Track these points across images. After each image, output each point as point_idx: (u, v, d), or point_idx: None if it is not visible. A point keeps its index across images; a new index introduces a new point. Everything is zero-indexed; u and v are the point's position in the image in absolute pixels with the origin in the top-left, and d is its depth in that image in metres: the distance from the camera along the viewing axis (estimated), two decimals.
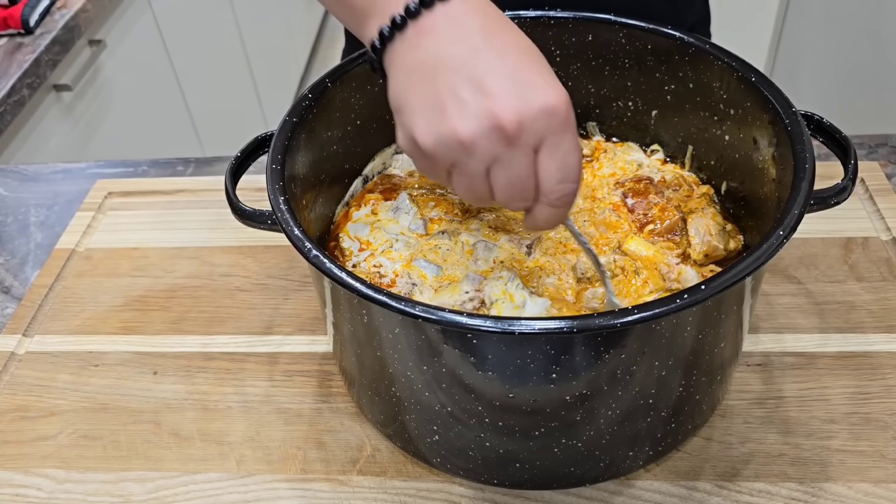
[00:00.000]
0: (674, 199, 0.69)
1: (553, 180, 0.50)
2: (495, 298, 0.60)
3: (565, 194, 0.51)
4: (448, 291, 0.61)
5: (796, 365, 0.71)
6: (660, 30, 0.68)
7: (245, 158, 0.64)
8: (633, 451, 0.61)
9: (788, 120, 0.58)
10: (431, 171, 0.52)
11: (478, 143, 0.48)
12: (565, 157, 0.50)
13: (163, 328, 0.79)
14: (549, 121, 0.48)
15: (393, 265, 0.65)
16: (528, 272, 0.64)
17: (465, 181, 0.51)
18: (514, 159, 0.49)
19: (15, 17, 1.39)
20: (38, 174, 1.02)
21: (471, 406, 0.55)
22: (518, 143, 0.48)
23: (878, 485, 0.62)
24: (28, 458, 0.68)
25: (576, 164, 0.51)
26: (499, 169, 0.49)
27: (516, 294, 0.60)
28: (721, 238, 0.65)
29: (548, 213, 0.52)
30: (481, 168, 0.49)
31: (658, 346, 0.52)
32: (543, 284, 0.62)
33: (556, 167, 0.50)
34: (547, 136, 0.49)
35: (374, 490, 0.64)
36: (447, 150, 0.49)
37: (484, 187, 0.51)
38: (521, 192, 0.50)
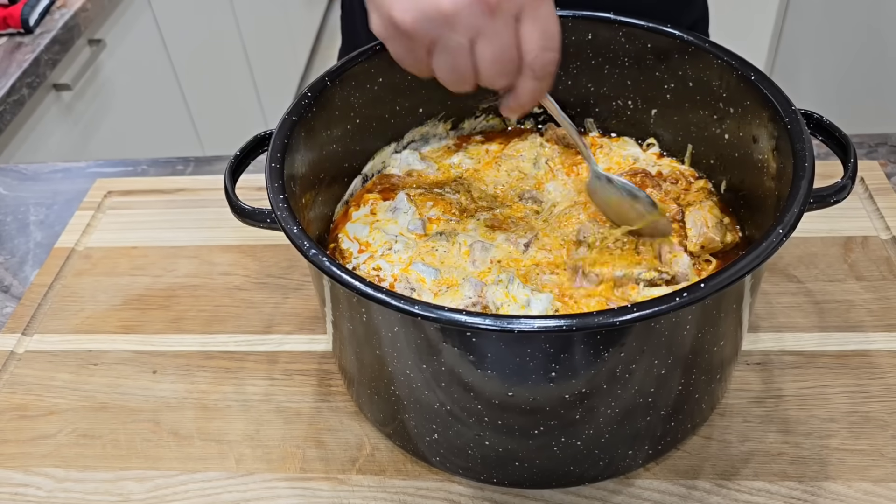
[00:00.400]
0: (672, 192, 0.69)
1: (537, 48, 0.51)
2: (500, 303, 0.60)
3: (549, 62, 0.52)
4: (449, 296, 0.61)
5: (796, 364, 0.71)
6: (659, 28, 0.68)
7: (244, 157, 0.64)
8: (632, 449, 0.61)
9: (788, 118, 0.58)
10: (410, 54, 0.52)
11: (460, 13, 0.48)
12: (546, 23, 0.51)
13: (162, 327, 0.79)
14: None
15: (392, 268, 0.65)
16: (525, 270, 0.64)
17: (448, 59, 0.51)
18: (497, 29, 0.49)
19: (14, 16, 1.39)
20: (37, 173, 1.02)
21: (470, 405, 0.55)
22: (500, 11, 0.49)
23: (878, 483, 0.62)
24: (27, 457, 0.68)
25: (556, 31, 0.52)
26: (483, 42, 0.50)
27: (519, 294, 0.60)
28: (718, 230, 0.65)
29: (531, 87, 0.53)
30: (465, 41, 0.50)
31: (657, 344, 0.52)
32: (542, 282, 0.62)
33: (538, 34, 0.51)
34: (526, 4, 0.50)
35: (374, 489, 0.64)
36: (428, 24, 0.49)
37: (468, 63, 0.51)
38: (507, 63, 0.51)
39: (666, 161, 0.74)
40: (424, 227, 0.68)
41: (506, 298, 0.60)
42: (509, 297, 0.60)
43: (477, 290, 0.61)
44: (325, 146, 0.68)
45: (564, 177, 0.73)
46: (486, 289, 0.61)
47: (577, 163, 0.73)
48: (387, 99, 0.72)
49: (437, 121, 0.77)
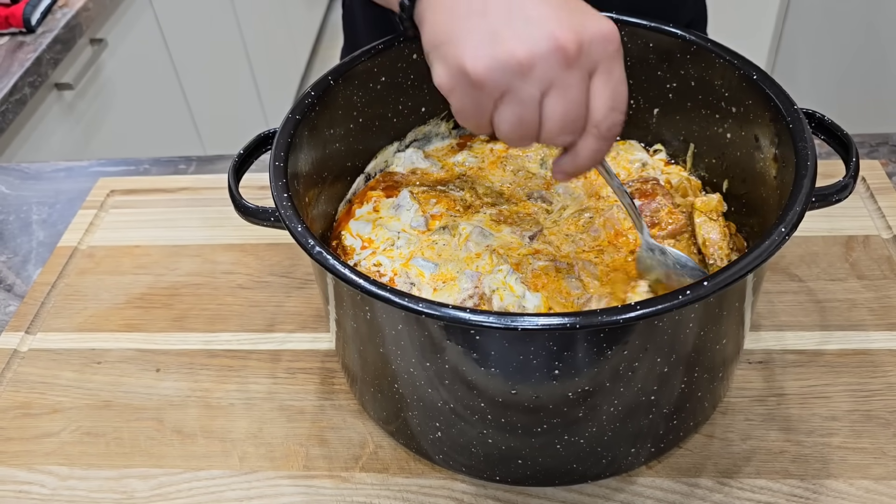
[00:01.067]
0: (683, 205, 0.69)
1: (606, 108, 0.50)
2: (495, 287, 0.60)
3: (615, 123, 0.51)
4: (447, 291, 0.61)
5: (798, 362, 0.71)
6: (661, 28, 0.68)
7: (248, 156, 0.64)
8: (634, 447, 0.61)
9: (790, 117, 0.58)
10: (476, 106, 0.50)
11: (537, 64, 0.47)
12: (617, 84, 0.50)
13: (165, 325, 0.79)
14: (605, 46, 0.48)
15: (392, 264, 0.65)
16: (519, 259, 0.64)
17: (516, 111, 0.49)
18: (571, 83, 0.48)
19: (17, 15, 1.39)
20: (40, 172, 1.02)
21: (473, 402, 0.55)
22: (577, 65, 0.48)
23: (880, 481, 0.62)
24: (31, 455, 0.69)
25: (625, 94, 0.51)
26: (555, 94, 0.48)
27: (516, 286, 0.60)
28: (729, 246, 0.65)
29: (593, 148, 0.51)
30: (536, 93, 0.48)
31: (660, 342, 0.52)
32: (532, 270, 0.62)
33: (609, 94, 0.50)
34: (602, 61, 0.49)
35: (377, 487, 0.64)
36: (502, 74, 0.48)
37: (534, 116, 0.49)
38: (575, 120, 0.50)
39: (674, 169, 0.74)
40: (427, 223, 0.69)
41: (502, 285, 0.60)
42: (505, 285, 0.60)
43: (474, 281, 0.61)
44: (328, 145, 0.68)
45: (574, 181, 0.73)
46: (483, 278, 0.61)
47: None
48: (389, 98, 0.72)
49: (439, 120, 0.77)
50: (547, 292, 0.61)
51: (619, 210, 0.68)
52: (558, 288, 0.62)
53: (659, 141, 0.76)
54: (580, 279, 0.63)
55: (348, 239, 0.69)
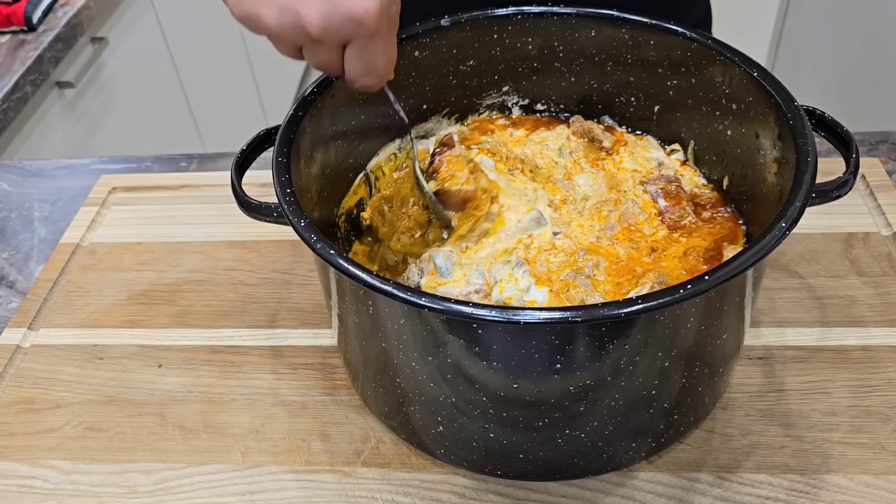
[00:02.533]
0: (715, 228, 0.69)
1: (356, 73, 0.56)
2: (500, 278, 0.60)
3: (367, 85, 0.58)
4: (452, 281, 0.62)
5: (797, 358, 0.71)
6: (662, 25, 0.68)
7: (250, 152, 0.65)
8: (635, 442, 0.61)
9: (791, 114, 0.58)
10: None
11: (283, 34, 0.53)
12: (371, 58, 0.55)
13: (167, 322, 0.79)
14: (355, 29, 0.53)
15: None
16: (535, 253, 0.64)
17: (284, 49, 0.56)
18: (318, 51, 0.55)
19: (18, 14, 1.40)
20: (41, 170, 1.03)
21: (475, 397, 0.56)
22: (322, 41, 0.53)
23: (879, 476, 0.62)
24: (34, 450, 0.69)
25: (381, 64, 0.56)
26: (307, 53, 0.55)
27: (522, 279, 0.60)
28: None
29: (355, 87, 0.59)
30: (292, 51, 0.56)
31: (661, 337, 0.52)
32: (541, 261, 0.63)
33: (359, 64, 0.56)
34: (353, 39, 0.54)
35: (379, 481, 0.64)
36: (255, 28, 0.54)
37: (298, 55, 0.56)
38: (329, 71, 0.57)
39: (688, 172, 0.74)
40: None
41: (508, 277, 0.60)
42: (511, 277, 0.60)
43: (482, 277, 0.61)
44: (331, 141, 0.68)
45: (591, 169, 0.73)
46: (493, 265, 0.61)
47: (601, 157, 0.74)
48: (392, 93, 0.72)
49: (441, 117, 0.77)
50: (556, 287, 0.62)
51: (633, 204, 0.68)
52: (567, 284, 0.62)
53: (660, 137, 0.76)
54: (591, 276, 0.63)
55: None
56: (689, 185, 0.72)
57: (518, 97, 0.78)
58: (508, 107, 0.79)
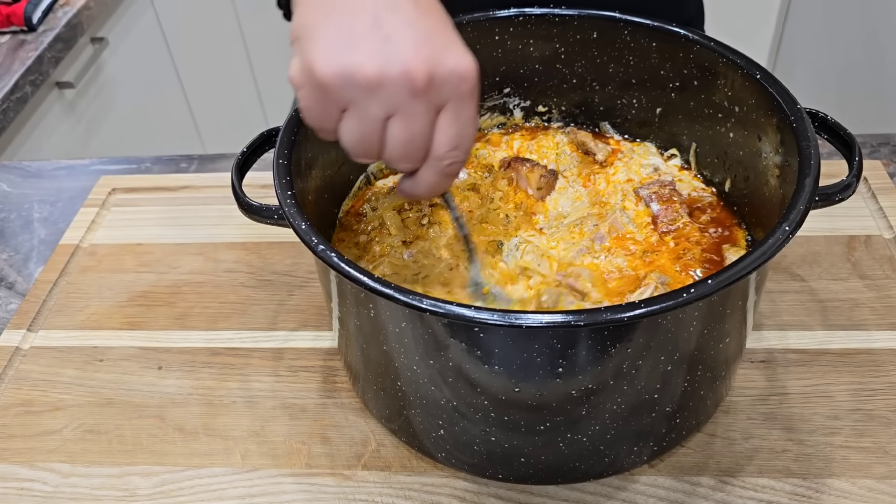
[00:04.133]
0: (711, 231, 0.68)
1: (448, 144, 0.50)
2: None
3: (456, 161, 0.51)
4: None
5: (800, 362, 0.71)
6: (664, 27, 0.68)
7: (251, 154, 0.64)
8: (637, 446, 0.61)
9: (793, 117, 0.58)
10: (320, 109, 0.49)
11: (384, 85, 0.46)
12: (465, 125, 0.50)
13: (167, 323, 0.79)
14: (458, 85, 0.48)
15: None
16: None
17: (359, 126, 0.49)
18: (416, 113, 0.48)
19: (18, 14, 1.39)
20: (41, 170, 1.02)
21: (476, 400, 0.55)
22: (424, 98, 0.47)
23: (882, 481, 0.62)
24: (33, 452, 0.69)
25: (471, 135, 0.51)
26: (399, 119, 0.48)
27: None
28: None
29: (432, 180, 0.52)
30: (381, 114, 0.48)
31: (664, 340, 0.52)
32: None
33: (454, 132, 0.50)
34: (452, 98, 0.48)
35: (379, 485, 0.64)
36: (347, 84, 0.47)
37: (376, 136, 0.49)
38: (415, 150, 0.50)
39: (687, 177, 0.73)
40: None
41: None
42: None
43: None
44: (332, 143, 0.67)
45: (581, 188, 0.72)
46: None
47: (594, 172, 0.74)
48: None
49: None
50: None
51: (621, 214, 0.68)
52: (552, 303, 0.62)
53: (660, 139, 0.76)
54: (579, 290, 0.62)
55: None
56: (688, 189, 0.72)
57: (519, 99, 0.78)
58: (510, 109, 0.79)
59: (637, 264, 0.65)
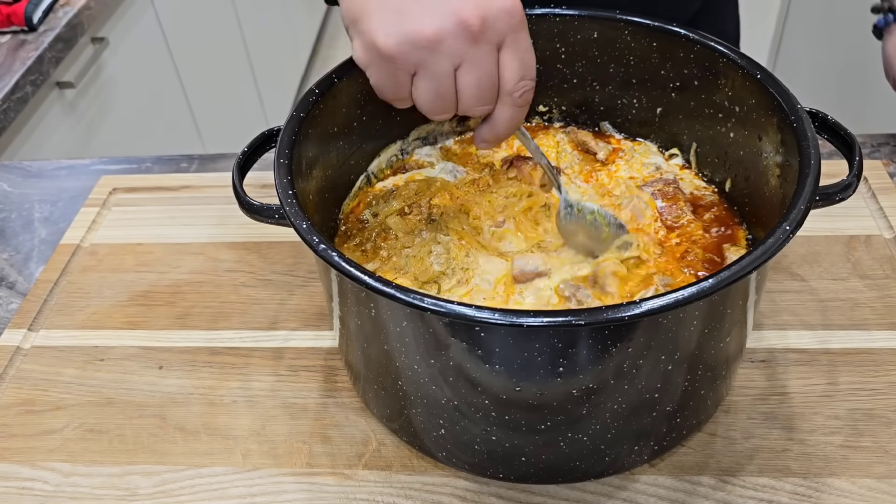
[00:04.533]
0: (714, 229, 0.68)
1: (516, 77, 0.53)
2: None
3: (527, 90, 0.54)
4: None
5: (800, 361, 0.71)
6: (665, 27, 0.68)
7: (252, 153, 0.64)
8: (637, 445, 0.61)
9: (794, 117, 0.58)
10: (392, 81, 0.53)
11: (444, 40, 0.50)
12: (525, 54, 0.53)
13: (168, 323, 0.79)
14: (509, 20, 0.51)
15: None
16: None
17: (432, 85, 0.52)
18: (480, 57, 0.51)
19: (18, 14, 1.39)
20: (41, 170, 1.02)
21: (477, 400, 0.55)
22: (483, 39, 0.51)
23: (882, 480, 0.62)
24: (34, 452, 0.69)
25: (533, 61, 0.54)
26: (466, 68, 0.52)
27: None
28: None
29: (509, 115, 0.55)
30: (449, 67, 0.51)
31: (664, 340, 0.52)
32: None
33: (518, 64, 0.53)
34: (507, 33, 0.52)
35: (380, 484, 0.64)
36: (412, 49, 0.50)
37: (450, 90, 0.52)
38: (488, 90, 0.53)
39: (688, 175, 0.74)
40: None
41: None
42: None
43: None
44: (332, 143, 0.68)
45: (584, 184, 0.73)
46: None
47: (596, 169, 0.74)
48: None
49: None
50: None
51: (639, 200, 0.68)
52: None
53: (661, 138, 0.76)
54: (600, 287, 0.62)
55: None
56: (690, 188, 0.72)
57: None
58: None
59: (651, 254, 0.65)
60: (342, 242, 0.70)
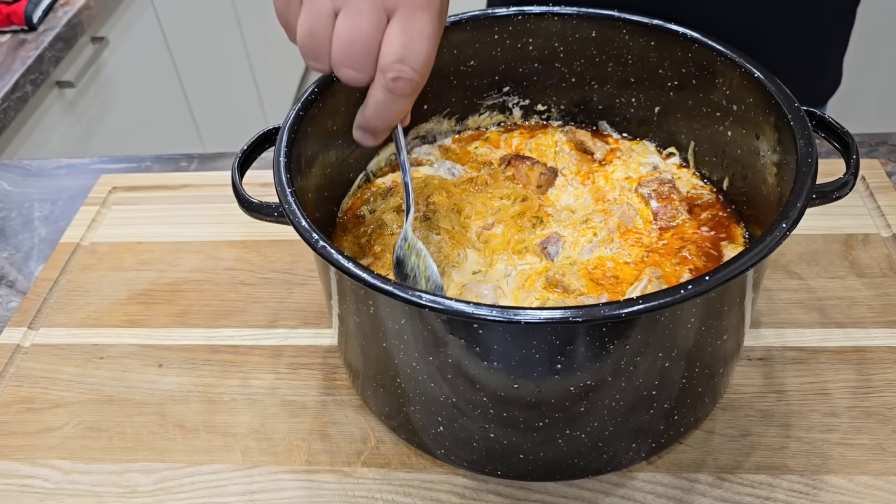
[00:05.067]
0: (710, 227, 0.69)
1: (394, 55, 0.48)
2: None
3: (402, 77, 0.49)
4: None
5: (797, 359, 0.71)
6: (663, 26, 0.68)
7: (251, 152, 0.65)
8: (635, 443, 0.61)
9: (791, 115, 0.58)
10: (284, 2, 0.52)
11: None
12: (416, 37, 0.48)
13: (167, 321, 0.79)
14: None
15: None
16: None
17: (308, 20, 0.50)
18: (361, 11, 0.47)
19: (18, 13, 1.40)
20: (41, 169, 1.03)
21: (475, 397, 0.56)
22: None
23: (879, 477, 0.62)
24: (34, 450, 0.69)
25: (422, 51, 0.49)
26: (344, 14, 0.48)
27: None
28: None
29: (378, 98, 0.51)
30: (328, 7, 0.48)
31: (662, 337, 0.52)
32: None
33: (401, 42, 0.48)
34: (400, 5, 0.47)
35: (379, 481, 0.64)
36: None
37: (324, 32, 0.49)
38: (359, 53, 0.49)
39: (685, 175, 0.74)
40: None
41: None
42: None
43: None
44: (331, 141, 0.68)
45: (580, 186, 0.73)
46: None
47: (593, 170, 0.74)
48: None
49: (441, 117, 0.77)
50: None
51: (629, 208, 0.68)
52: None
53: (659, 138, 0.76)
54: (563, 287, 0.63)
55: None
56: (687, 187, 0.72)
57: (518, 98, 0.78)
58: (509, 107, 0.79)
59: (638, 257, 0.65)
60: (339, 237, 0.70)
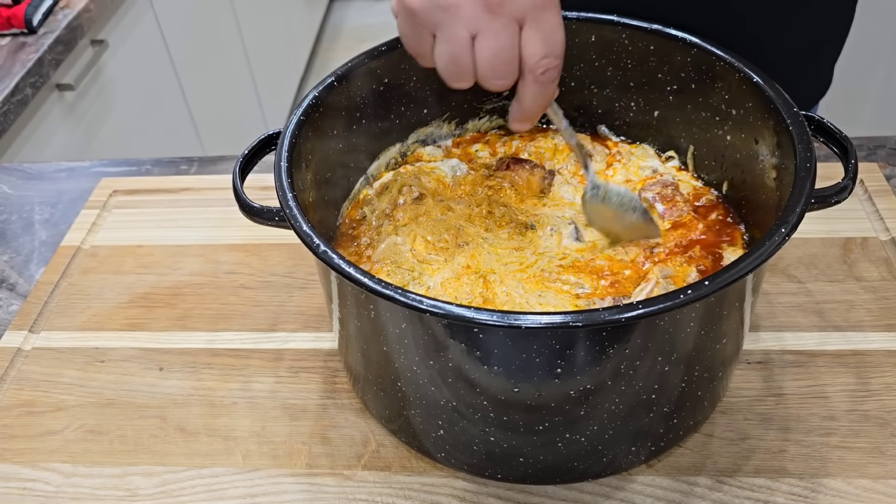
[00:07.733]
0: (712, 227, 0.69)
1: (538, 54, 0.53)
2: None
3: (550, 68, 0.54)
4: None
5: (796, 363, 0.71)
6: (662, 31, 0.69)
7: (252, 156, 0.65)
8: (635, 446, 0.61)
9: (790, 120, 0.59)
10: (413, 34, 0.54)
11: (462, 6, 0.51)
12: (550, 33, 0.53)
13: (168, 325, 0.80)
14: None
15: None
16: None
17: (447, 48, 0.53)
18: (497, 29, 0.51)
19: (18, 16, 1.40)
20: (42, 172, 1.03)
21: (476, 401, 0.56)
22: (500, 13, 0.51)
23: (877, 480, 0.63)
24: (35, 453, 0.69)
25: (560, 41, 0.54)
26: (482, 38, 0.52)
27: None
28: None
29: (532, 92, 0.55)
30: (465, 34, 0.52)
31: (661, 341, 0.52)
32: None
33: (540, 41, 0.52)
34: (528, 11, 0.51)
35: (379, 485, 0.65)
36: (432, 8, 0.52)
37: (466, 57, 0.53)
38: (504, 64, 0.53)
39: (685, 178, 0.74)
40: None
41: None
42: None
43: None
44: (332, 145, 0.68)
45: (580, 185, 0.73)
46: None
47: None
48: (392, 99, 0.72)
49: (441, 121, 0.78)
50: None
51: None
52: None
53: (658, 142, 0.76)
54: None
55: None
56: (687, 190, 0.73)
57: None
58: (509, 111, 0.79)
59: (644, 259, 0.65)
60: (340, 241, 0.71)
